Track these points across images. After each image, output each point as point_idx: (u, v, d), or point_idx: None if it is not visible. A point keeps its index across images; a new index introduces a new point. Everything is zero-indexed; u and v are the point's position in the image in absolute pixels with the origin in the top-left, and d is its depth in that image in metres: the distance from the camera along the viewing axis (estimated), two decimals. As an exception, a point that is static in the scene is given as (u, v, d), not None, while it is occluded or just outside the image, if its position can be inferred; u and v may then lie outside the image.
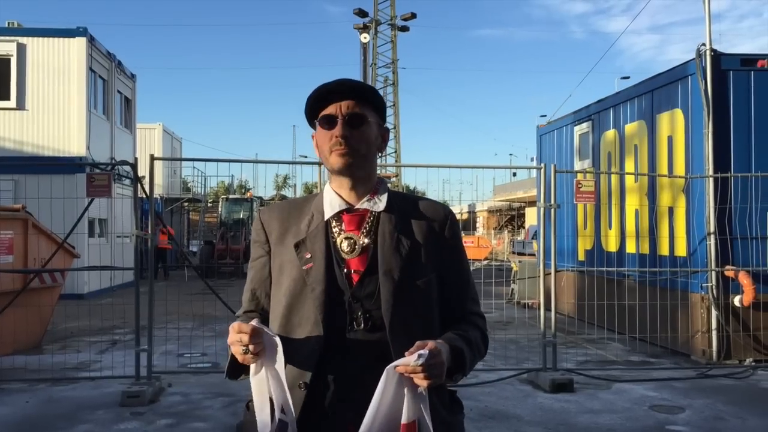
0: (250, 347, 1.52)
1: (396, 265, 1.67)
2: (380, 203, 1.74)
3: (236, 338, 1.54)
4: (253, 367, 1.60)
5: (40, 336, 8.95)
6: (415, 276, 1.69)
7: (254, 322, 1.56)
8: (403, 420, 1.48)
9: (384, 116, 1.81)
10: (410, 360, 1.46)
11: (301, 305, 1.67)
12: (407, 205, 1.80)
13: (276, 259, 1.77)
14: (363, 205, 1.74)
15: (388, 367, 1.48)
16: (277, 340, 1.57)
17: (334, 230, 1.73)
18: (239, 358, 1.56)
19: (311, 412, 1.62)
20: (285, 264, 1.73)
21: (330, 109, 1.69)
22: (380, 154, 1.81)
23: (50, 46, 15.48)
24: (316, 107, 1.72)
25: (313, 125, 1.77)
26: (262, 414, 1.59)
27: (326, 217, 1.73)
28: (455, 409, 1.76)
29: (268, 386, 1.59)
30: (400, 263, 1.68)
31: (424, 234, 1.74)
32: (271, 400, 1.59)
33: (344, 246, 1.70)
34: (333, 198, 1.75)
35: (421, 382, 1.47)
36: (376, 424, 1.47)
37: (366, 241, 1.70)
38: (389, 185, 1.89)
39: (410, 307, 1.66)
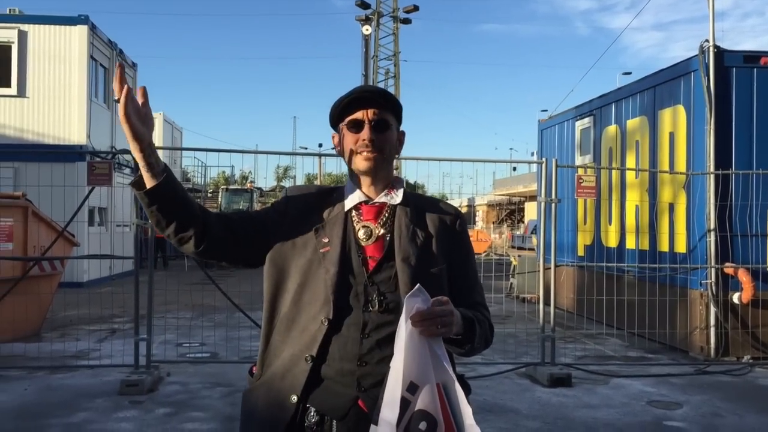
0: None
1: (413, 253, 1.83)
2: (396, 197, 1.91)
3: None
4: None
5: (39, 324, 8.96)
6: (429, 264, 1.84)
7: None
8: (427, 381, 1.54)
9: (401, 120, 1.96)
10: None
11: (313, 284, 1.80)
12: (421, 201, 1.98)
13: (282, 229, 1.88)
14: (381, 198, 1.91)
15: (401, 321, 1.56)
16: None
17: (353, 219, 1.89)
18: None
19: (316, 385, 1.74)
20: (298, 243, 1.86)
21: (357, 114, 1.86)
22: (397, 155, 1.98)
23: (51, 34, 15.42)
24: (342, 113, 1.89)
25: (335, 128, 1.95)
26: None
27: (346, 208, 1.90)
28: (464, 391, 1.80)
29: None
30: (416, 252, 1.84)
31: (436, 227, 1.91)
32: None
33: (361, 234, 1.86)
34: (354, 191, 1.92)
35: (433, 330, 1.56)
36: (400, 384, 1.51)
37: (382, 231, 1.87)
38: None
39: None
